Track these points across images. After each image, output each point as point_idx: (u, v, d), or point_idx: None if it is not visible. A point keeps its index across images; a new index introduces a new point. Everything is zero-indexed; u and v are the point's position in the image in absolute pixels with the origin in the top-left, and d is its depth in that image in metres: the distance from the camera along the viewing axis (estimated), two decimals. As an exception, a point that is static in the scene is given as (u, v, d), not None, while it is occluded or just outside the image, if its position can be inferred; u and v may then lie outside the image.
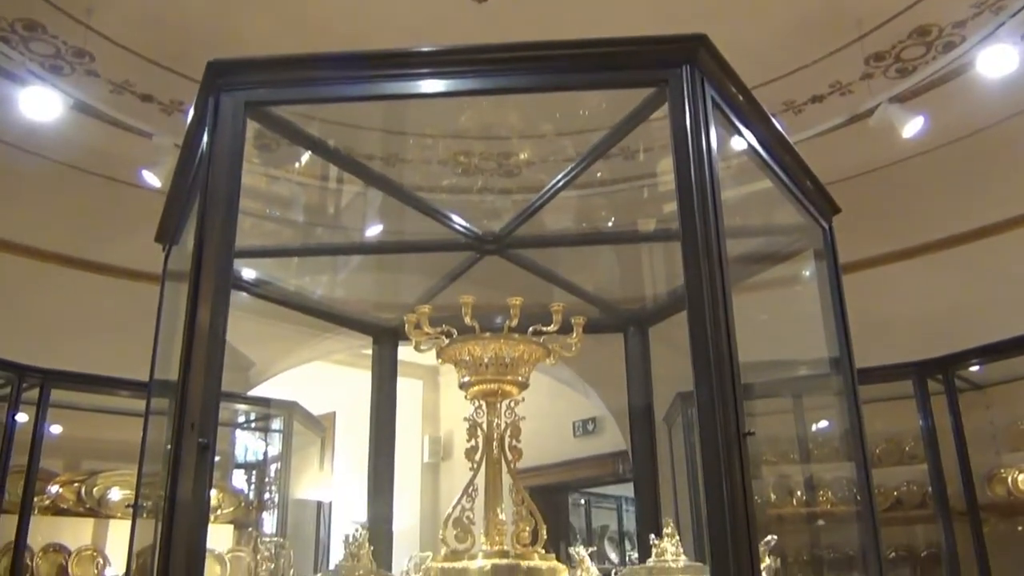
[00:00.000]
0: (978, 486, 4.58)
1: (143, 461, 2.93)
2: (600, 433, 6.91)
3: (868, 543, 2.93)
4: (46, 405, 4.70)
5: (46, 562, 4.93)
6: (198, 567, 1.65)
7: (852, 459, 3.13)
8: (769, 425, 5.08)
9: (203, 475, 1.71)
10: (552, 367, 5.69)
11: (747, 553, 1.64)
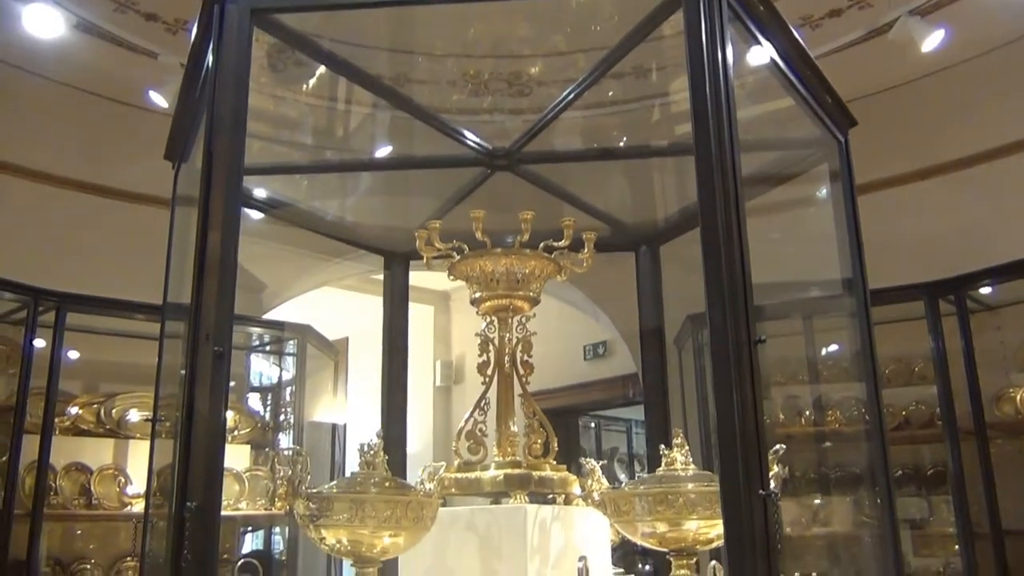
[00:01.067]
0: (986, 405, 4.60)
1: (160, 380, 2.97)
2: (610, 356, 6.96)
3: (876, 461, 2.97)
4: (62, 328, 4.75)
5: (69, 481, 5.05)
6: (216, 471, 1.68)
7: (861, 379, 3.15)
8: (779, 347, 5.10)
9: (219, 383, 1.74)
10: (563, 290, 5.74)
11: (756, 460, 1.66)
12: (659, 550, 2.25)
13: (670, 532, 2.13)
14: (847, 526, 4.67)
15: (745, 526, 1.59)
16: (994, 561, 4.46)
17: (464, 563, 2.26)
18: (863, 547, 4.43)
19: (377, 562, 2.06)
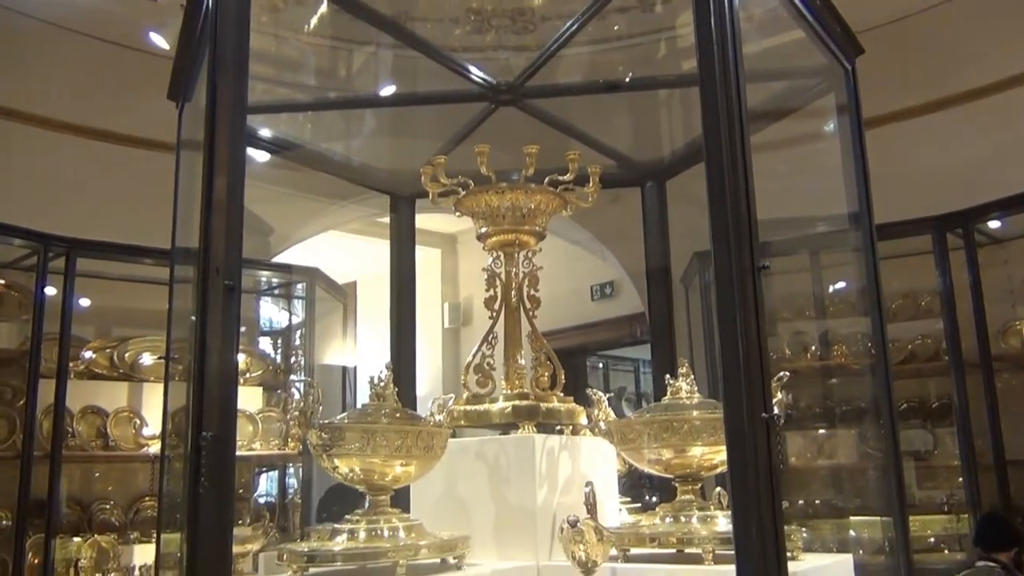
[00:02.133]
0: (992, 339, 4.62)
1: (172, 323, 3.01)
2: (617, 296, 6.98)
3: (881, 395, 3.00)
4: (73, 274, 4.79)
5: (85, 424, 5.14)
6: (230, 400, 1.72)
7: (867, 314, 3.16)
8: (785, 283, 5.12)
9: (230, 315, 1.76)
10: (569, 230, 5.74)
11: (760, 384, 1.69)
12: (664, 476, 2.29)
13: (675, 459, 2.18)
14: (852, 458, 4.74)
15: (748, 448, 1.62)
16: (997, 491, 4.52)
17: (474, 492, 2.31)
18: (868, 478, 4.50)
19: (389, 490, 2.11)
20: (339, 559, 1.94)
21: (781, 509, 1.63)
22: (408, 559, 1.94)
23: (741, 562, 1.61)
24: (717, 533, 2.04)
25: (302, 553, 1.94)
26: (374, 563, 1.95)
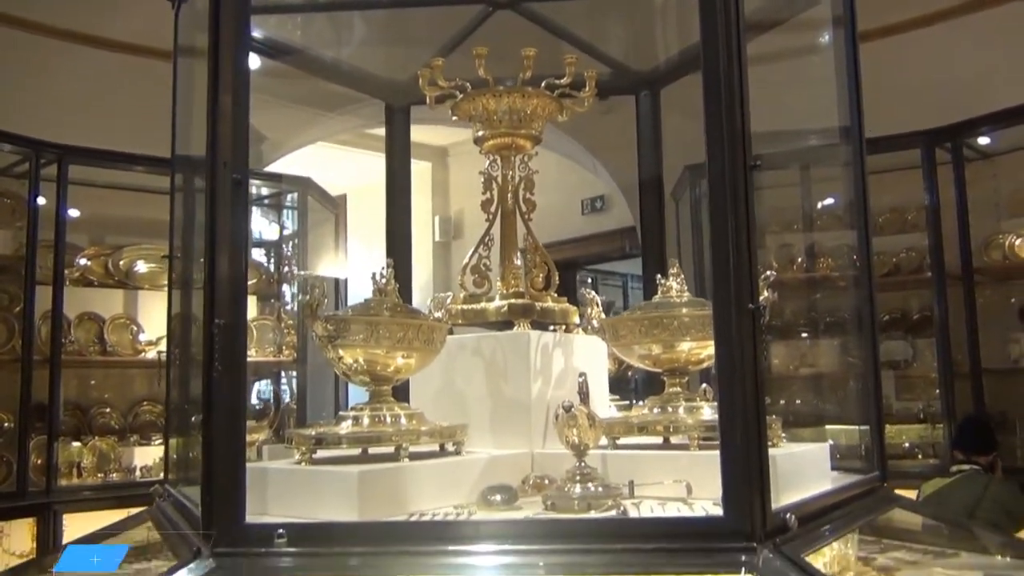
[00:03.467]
0: (976, 252, 4.73)
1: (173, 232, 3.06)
2: (608, 210, 7.03)
3: (864, 306, 3.09)
4: (66, 181, 4.79)
5: (82, 330, 5.22)
6: (240, 287, 1.79)
7: (854, 227, 3.23)
8: (774, 197, 5.17)
9: (239, 208, 1.82)
10: (561, 143, 5.75)
11: (748, 282, 1.76)
12: (653, 371, 2.40)
13: (664, 354, 2.27)
14: (833, 367, 4.88)
15: (734, 336, 1.70)
16: (972, 399, 4.69)
17: (471, 386, 2.41)
18: (848, 388, 4.64)
19: (391, 381, 2.20)
20: (344, 442, 2.04)
21: (764, 395, 1.72)
22: (410, 443, 2.04)
23: (725, 446, 1.71)
24: (702, 422, 2.15)
25: (310, 436, 2.04)
26: (377, 446, 2.05)
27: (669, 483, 1.99)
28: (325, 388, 6.26)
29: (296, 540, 1.72)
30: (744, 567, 1.63)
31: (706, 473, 1.88)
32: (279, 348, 5.66)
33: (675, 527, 1.75)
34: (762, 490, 1.68)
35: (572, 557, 1.70)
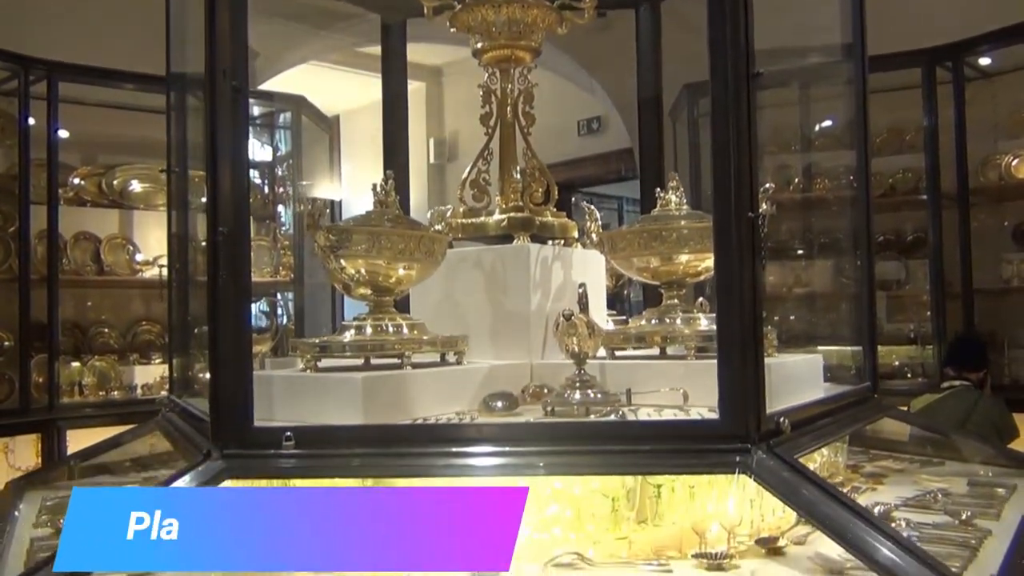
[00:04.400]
0: (972, 172, 4.73)
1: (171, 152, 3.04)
2: (604, 132, 6.98)
3: (860, 226, 3.11)
4: (56, 99, 4.73)
5: (78, 250, 5.22)
6: (242, 197, 1.79)
7: (852, 147, 3.22)
8: (773, 116, 5.13)
9: (239, 117, 1.82)
10: (557, 62, 5.67)
11: (748, 190, 1.77)
12: (651, 283, 2.42)
13: (662, 266, 2.29)
14: (827, 287, 4.93)
15: (734, 245, 1.72)
16: (962, 318, 4.76)
17: (471, 298, 2.44)
18: (841, 309, 4.70)
19: (393, 293, 2.22)
20: (348, 350, 2.07)
21: (762, 301, 1.75)
22: (412, 352, 2.08)
23: (722, 350, 1.75)
24: (699, 332, 2.18)
25: (313, 344, 2.07)
26: (380, 355, 2.09)
27: (666, 391, 2.04)
28: (322, 309, 6.31)
29: (303, 443, 1.77)
30: (738, 467, 1.69)
31: (702, 382, 1.93)
32: (276, 269, 5.67)
33: (672, 430, 1.79)
34: (757, 394, 1.73)
35: (572, 458, 1.75)
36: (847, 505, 1.58)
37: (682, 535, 1.88)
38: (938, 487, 2.31)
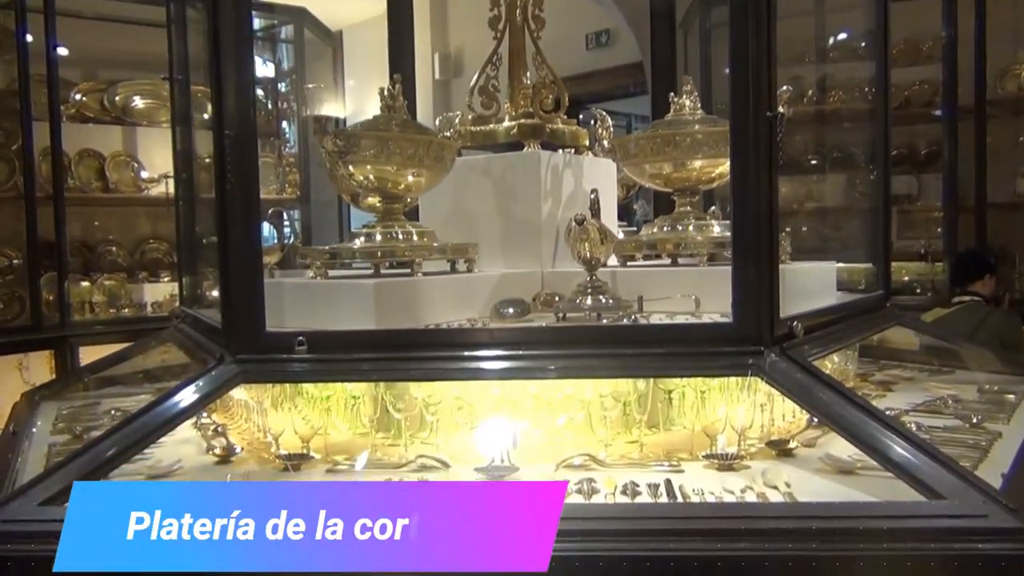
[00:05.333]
0: (990, 83, 4.62)
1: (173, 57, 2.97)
2: (613, 45, 6.81)
3: (876, 138, 3.04)
4: (53, 11, 4.63)
5: (83, 167, 5.18)
6: (248, 99, 1.75)
7: (869, 59, 3.12)
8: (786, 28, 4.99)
9: (244, 18, 1.76)
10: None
11: (766, 89, 1.72)
12: (663, 190, 2.39)
13: (675, 172, 2.26)
14: (839, 201, 4.87)
15: (751, 144, 1.68)
16: (974, 233, 4.71)
17: (481, 207, 2.41)
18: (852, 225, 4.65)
19: (402, 200, 2.19)
20: (358, 255, 2.06)
21: (777, 203, 1.72)
22: (422, 258, 2.06)
23: (737, 253, 1.73)
24: (712, 239, 2.16)
25: (323, 251, 2.05)
26: (390, 261, 2.07)
27: (678, 298, 2.02)
28: (329, 229, 6.28)
29: (315, 347, 1.77)
30: (751, 370, 1.69)
31: (714, 289, 1.92)
32: (282, 187, 5.63)
33: (685, 333, 1.79)
34: (771, 298, 1.71)
35: (584, 362, 1.75)
36: (860, 405, 1.58)
37: (693, 439, 1.89)
38: (948, 394, 2.31)
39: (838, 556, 1.29)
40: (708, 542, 1.31)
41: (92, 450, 1.60)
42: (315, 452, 1.90)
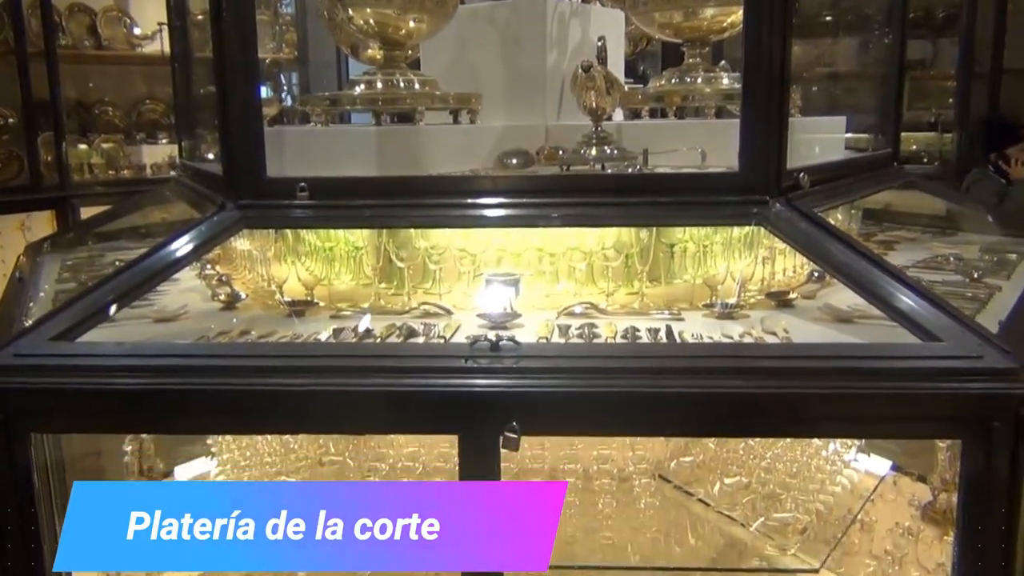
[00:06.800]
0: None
1: None
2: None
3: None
4: None
5: (74, 22, 5.04)
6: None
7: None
8: None
9: None
10: None
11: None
12: (673, 41, 2.32)
13: (685, 22, 2.18)
14: (852, 66, 4.74)
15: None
16: (987, 99, 4.62)
17: (484, 57, 2.34)
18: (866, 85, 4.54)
19: (403, 47, 2.13)
20: (359, 103, 2.02)
21: (790, 49, 1.67)
22: (424, 107, 2.02)
23: (746, 100, 1.69)
24: (721, 90, 2.11)
25: (323, 97, 2.01)
26: (391, 110, 2.03)
27: (684, 150, 1.99)
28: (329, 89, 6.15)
29: (317, 193, 1.75)
30: (755, 219, 1.68)
31: (721, 143, 1.88)
32: (279, 46, 5.47)
33: (690, 182, 1.77)
34: (779, 147, 1.68)
35: (587, 210, 1.74)
36: (860, 252, 1.59)
37: (694, 290, 1.90)
38: (950, 252, 2.31)
39: (831, 395, 1.32)
40: (703, 379, 1.34)
41: (99, 290, 1.61)
42: (319, 300, 1.92)
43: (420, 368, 1.39)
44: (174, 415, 1.43)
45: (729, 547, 1.98)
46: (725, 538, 1.98)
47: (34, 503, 1.46)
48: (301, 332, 1.72)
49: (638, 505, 2.03)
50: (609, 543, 1.93)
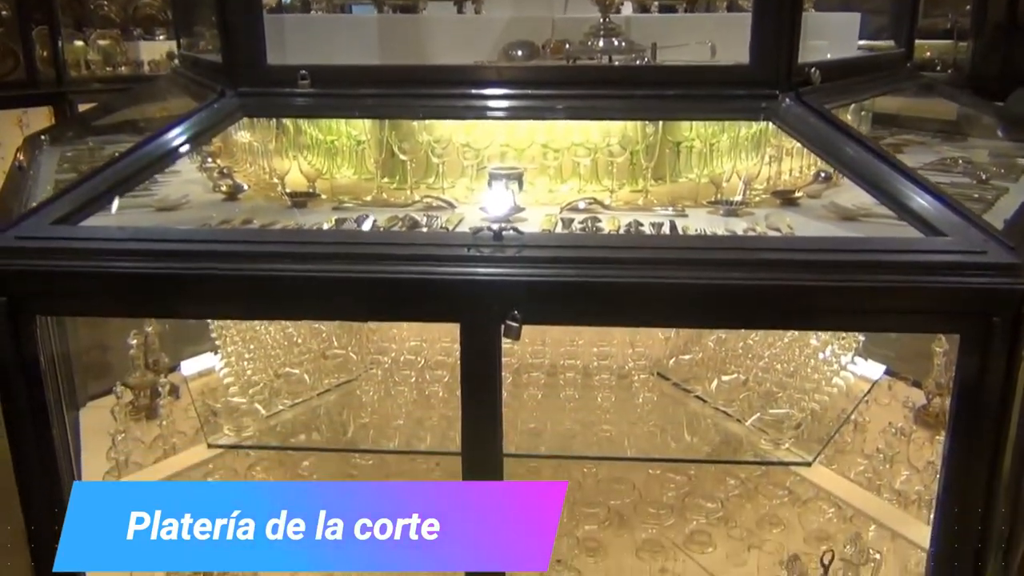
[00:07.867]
0: None
1: None
2: None
3: None
4: None
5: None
6: None
7: None
8: None
9: None
10: None
11: None
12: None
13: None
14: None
15: None
16: (1005, 10, 4.48)
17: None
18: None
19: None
20: None
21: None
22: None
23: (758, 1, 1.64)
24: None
25: (324, -17, 1.96)
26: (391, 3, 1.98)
27: (694, 44, 1.95)
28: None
29: (318, 81, 1.72)
30: (764, 114, 1.65)
31: (732, 38, 1.83)
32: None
33: (699, 74, 1.73)
34: (791, 41, 1.64)
35: (592, 103, 1.71)
36: (872, 149, 1.56)
37: (699, 188, 1.89)
38: (960, 155, 2.28)
39: (832, 287, 1.32)
40: (704, 271, 1.34)
41: (100, 175, 1.60)
42: (321, 193, 1.91)
43: (423, 256, 1.38)
44: (177, 299, 1.44)
45: (724, 443, 2.01)
46: (721, 434, 2.01)
47: (43, 389, 1.48)
48: (303, 223, 1.72)
49: (636, 400, 2.06)
50: (607, 436, 1.96)
